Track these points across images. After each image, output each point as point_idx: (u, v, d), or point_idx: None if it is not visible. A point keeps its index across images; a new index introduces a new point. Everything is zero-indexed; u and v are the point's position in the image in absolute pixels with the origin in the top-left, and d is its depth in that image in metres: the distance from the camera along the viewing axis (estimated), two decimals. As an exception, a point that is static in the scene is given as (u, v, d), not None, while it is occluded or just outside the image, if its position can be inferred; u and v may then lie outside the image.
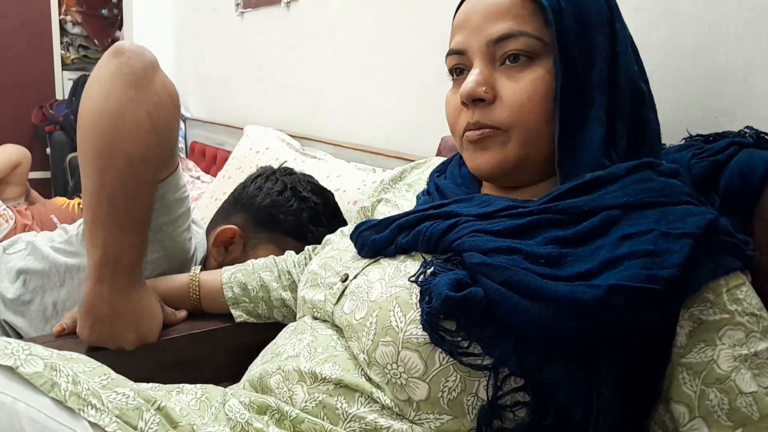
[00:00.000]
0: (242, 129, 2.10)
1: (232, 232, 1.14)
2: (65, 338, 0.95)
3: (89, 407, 0.57)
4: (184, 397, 0.70)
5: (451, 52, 0.74)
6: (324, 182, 1.34)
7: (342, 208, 1.31)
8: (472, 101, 0.70)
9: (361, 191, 1.35)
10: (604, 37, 0.69)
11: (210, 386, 0.73)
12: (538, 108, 0.68)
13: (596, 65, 0.69)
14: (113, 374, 0.63)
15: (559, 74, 0.67)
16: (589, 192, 0.64)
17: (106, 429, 0.56)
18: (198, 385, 0.72)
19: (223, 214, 1.23)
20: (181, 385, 0.73)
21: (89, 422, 0.56)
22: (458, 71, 0.75)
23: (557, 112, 0.68)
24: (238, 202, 1.20)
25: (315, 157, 1.73)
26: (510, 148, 0.70)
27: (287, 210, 1.17)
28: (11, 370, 0.56)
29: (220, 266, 1.09)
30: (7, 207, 2.38)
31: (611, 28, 0.70)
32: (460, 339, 0.59)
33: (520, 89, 0.68)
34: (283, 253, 1.13)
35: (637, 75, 0.73)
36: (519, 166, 0.71)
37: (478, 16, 0.71)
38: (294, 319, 0.87)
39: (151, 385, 0.70)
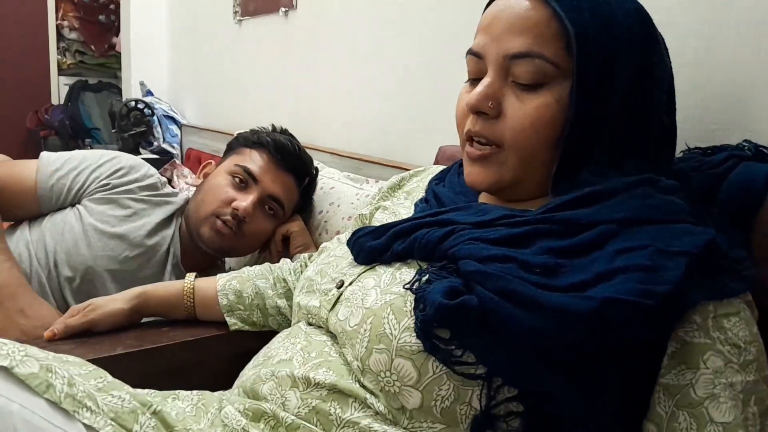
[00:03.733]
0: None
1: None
2: (56, 343, 0.95)
3: (84, 409, 0.56)
4: (180, 403, 0.69)
5: (471, 53, 0.73)
6: (318, 195, 1.46)
7: (336, 224, 1.37)
8: (476, 113, 0.70)
9: (355, 206, 1.36)
10: (629, 71, 0.67)
11: (206, 392, 0.72)
12: (539, 135, 0.67)
13: (612, 102, 0.67)
14: (109, 377, 0.63)
15: (573, 106, 0.66)
16: (588, 205, 0.64)
17: (101, 431, 0.55)
18: (194, 392, 0.72)
19: None
20: (177, 391, 0.72)
21: (84, 425, 0.55)
22: (474, 72, 0.73)
23: (562, 142, 0.67)
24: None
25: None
26: (507, 167, 0.70)
27: (245, 133, 1.43)
28: (6, 371, 0.55)
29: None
30: None
31: (643, 62, 0.69)
32: (453, 347, 0.58)
33: (524, 113, 0.67)
34: (244, 160, 1.31)
35: (665, 110, 0.72)
36: (514, 185, 0.71)
37: (501, 24, 0.69)
38: (289, 327, 0.87)
39: (147, 390, 0.69)
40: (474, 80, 0.73)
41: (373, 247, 0.72)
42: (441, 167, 0.93)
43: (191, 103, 3.12)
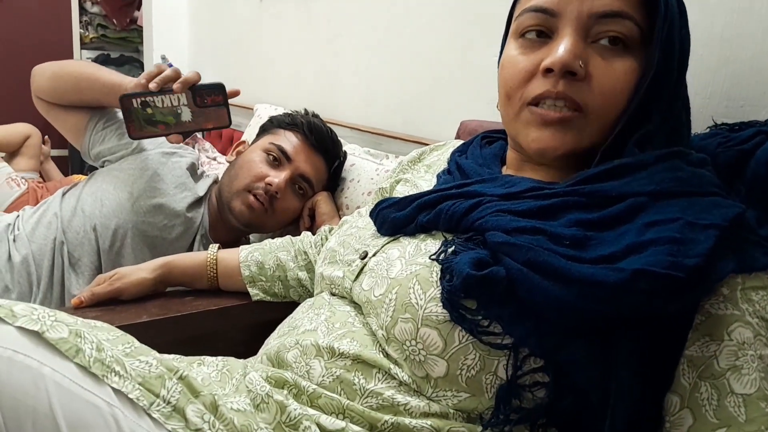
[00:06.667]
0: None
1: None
2: (83, 311, 0.97)
3: (113, 374, 0.57)
4: (205, 369, 0.71)
5: (537, 10, 0.68)
6: None
7: (356, 200, 1.39)
8: (565, 73, 0.65)
9: (375, 181, 1.37)
10: (679, 38, 0.67)
11: (231, 359, 0.73)
12: (624, 100, 0.65)
13: (675, 66, 0.66)
14: (136, 343, 0.64)
15: (653, 69, 0.64)
16: (617, 177, 0.63)
17: (129, 395, 0.56)
18: (219, 358, 0.73)
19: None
20: (202, 357, 0.73)
21: (112, 388, 0.56)
22: (539, 33, 0.69)
23: (633, 105, 0.65)
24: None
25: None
26: (586, 134, 0.67)
27: (280, 116, 1.48)
28: (37, 335, 0.56)
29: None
30: (21, 177, 2.44)
31: (684, 31, 0.68)
32: (480, 318, 0.59)
33: (615, 77, 0.65)
34: (278, 139, 1.35)
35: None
36: (584, 153, 0.68)
37: None
38: (310, 298, 0.88)
39: (173, 356, 0.70)
40: (531, 40, 0.69)
41: (397, 218, 0.72)
42: (462, 141, 0.92)
43: (211, 77, 3.12)
